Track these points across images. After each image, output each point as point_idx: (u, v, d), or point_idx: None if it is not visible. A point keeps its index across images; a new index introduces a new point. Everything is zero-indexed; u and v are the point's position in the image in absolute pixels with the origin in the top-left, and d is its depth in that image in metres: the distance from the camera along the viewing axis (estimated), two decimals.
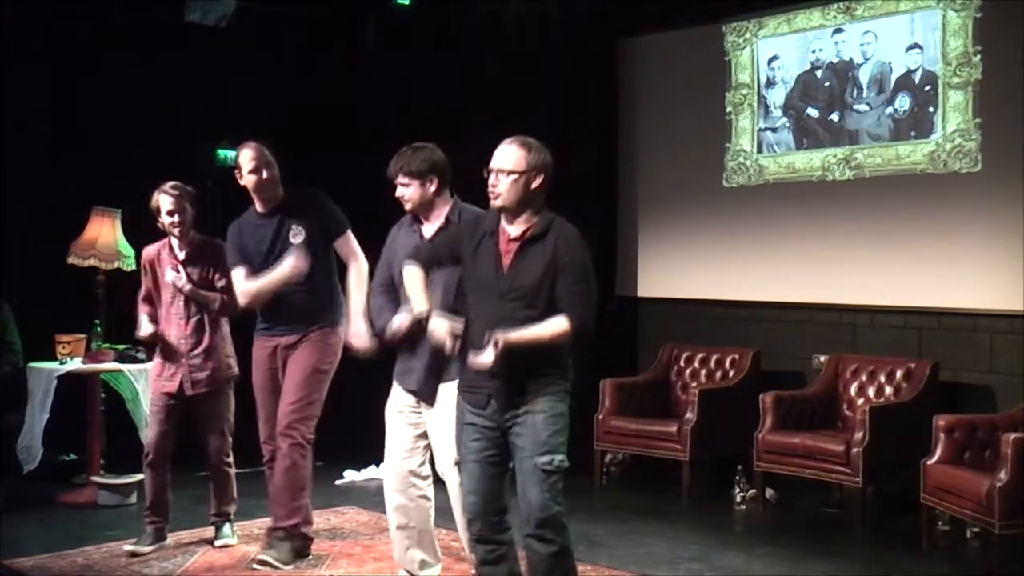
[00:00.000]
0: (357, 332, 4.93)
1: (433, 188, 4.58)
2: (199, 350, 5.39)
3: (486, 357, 3.71)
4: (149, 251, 5.52)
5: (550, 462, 3.82)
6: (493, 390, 3.88)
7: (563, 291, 3.81)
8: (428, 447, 4.70)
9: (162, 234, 5.48)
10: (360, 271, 5.04)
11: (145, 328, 5.40)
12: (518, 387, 3.85)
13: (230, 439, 5.54)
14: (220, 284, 5.39)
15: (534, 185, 3.87)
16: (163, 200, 5.35)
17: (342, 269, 5.20)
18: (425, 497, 4.77)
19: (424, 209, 4.61)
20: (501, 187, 3.85)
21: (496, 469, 3.95)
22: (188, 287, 5.34)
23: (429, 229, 4.62)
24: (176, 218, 5.35)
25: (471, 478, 3.98)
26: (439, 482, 4.72)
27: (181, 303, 5.38)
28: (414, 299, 4.06)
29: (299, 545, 5.14)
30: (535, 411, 3.84)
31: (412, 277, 4.09)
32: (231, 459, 5.56)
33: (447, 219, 4.58)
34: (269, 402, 5.17)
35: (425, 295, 4.03)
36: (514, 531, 4.05)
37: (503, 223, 3.92)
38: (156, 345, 5.47)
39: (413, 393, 4.63)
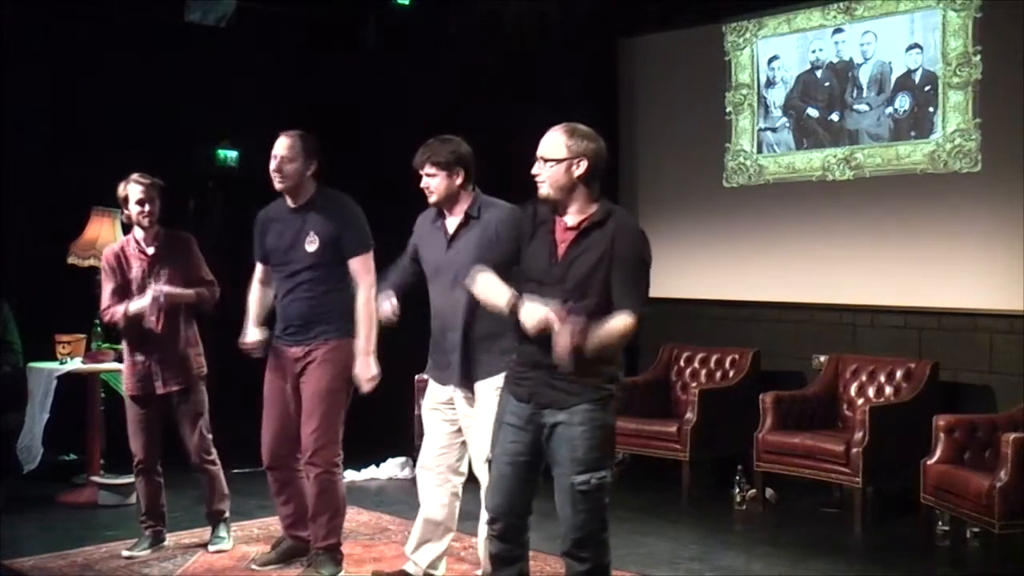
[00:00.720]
0: (362, 372, 4.86)
1: (459, 180, 4.59)
2: (170, 347, 5.32)
3: (562, 350, 3.53)
4: (110, 252, 5.39)
5: (587, 482, 3.69)
6: (535, 385, 3.76)
7: (618, 283, 3.71)
8: (465, 444, 4.67)
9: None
10: (367, 298, 4.85)
11: (135, 305, 5.24)
12: (562, 384, 3.70)
13: (209, 436, 5.47)
14: (199, 276, 5.35)
15: (577, 172, 3.76)
16: (132, 189, 5.26)
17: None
18: (456, 495, 4.77)
19: (449, 201, 4.60)
20: (543, 175, 3.78)
21: (528, 475, 3.84)
22: (164, 296, 5.22)
23: (452, 223, 4.62)
24: (146, 207, 5.26)
25: (501, 478, 3.86)
26: (470, 481, 4.69)
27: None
28: (497, 295, 3.79)
29: (339, 558, 5.08)
30: (573, 423, 3.71)
31: (486, 282, 3.84)
32: (213, 456, 5.49)
33: (467, 215, 4.59)
34: (273, 413, 5.07)
35: (505, 286, 3.80)
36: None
37: (560, 213, 3.83)
38: (134, 332, 5.33)
39: (452, 384, 4.59)
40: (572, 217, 3.81)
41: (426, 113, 7.82)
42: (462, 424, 4.64)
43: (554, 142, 3.79)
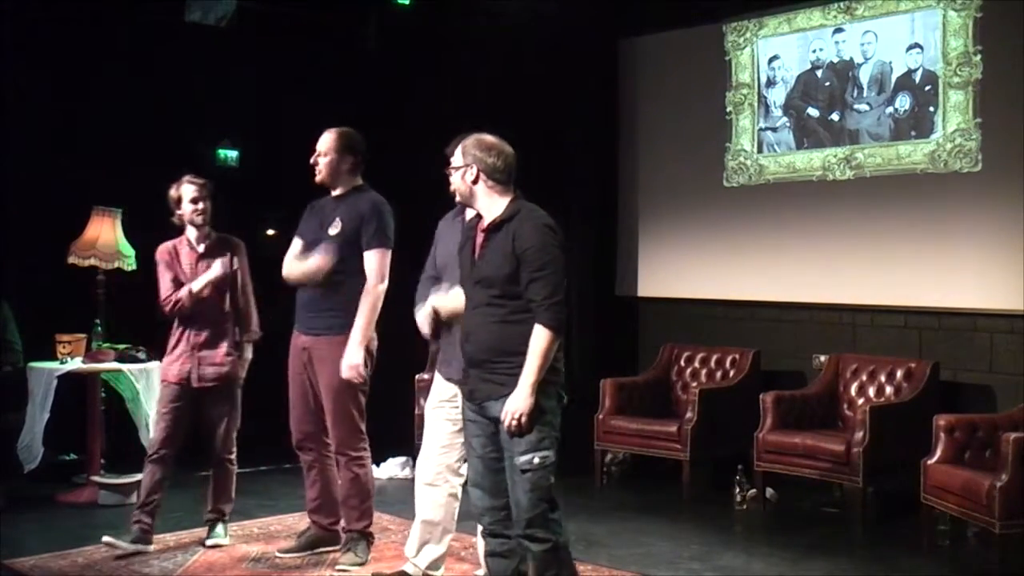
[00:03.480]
0: (349, 361, 4.96)
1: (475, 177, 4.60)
2: (214, 342, 5.42)
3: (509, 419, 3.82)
4: (163, 248, 5.51)
5: (530, 461, 3.83)
6: (473, 383, 3.97)
7: (525, 282, 3.84)
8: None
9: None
10: (371, 293, 4.97)
11: (199, 282, 5.36)
12: (492, 377, 3.90)
13: (234, 436, 5.56)
14: (244, 287, 5.47)
15: (469, 177, 3.98)
16: (186, 189, 5.40)
17: None
18: (455, 496, 4.78)
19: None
20: (453, 182, 4.08)
21: (498, 464, 3.97)
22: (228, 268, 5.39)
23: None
24: (200, 206, 5.40)
25: (475, 473, 4.05)
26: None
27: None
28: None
29: (371, 542, 5.25)
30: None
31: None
32: (234, 457, 5.58)
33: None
34: (293, 398, 5.24)
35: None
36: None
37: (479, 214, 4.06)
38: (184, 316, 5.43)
39: (455, 382, 4.59)
40: (487, 218, 4.01)
41: (426, 113, 7.83)
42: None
43: (457, 149, 4.07)
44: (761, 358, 7.40)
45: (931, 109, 6.90)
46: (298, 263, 5.10)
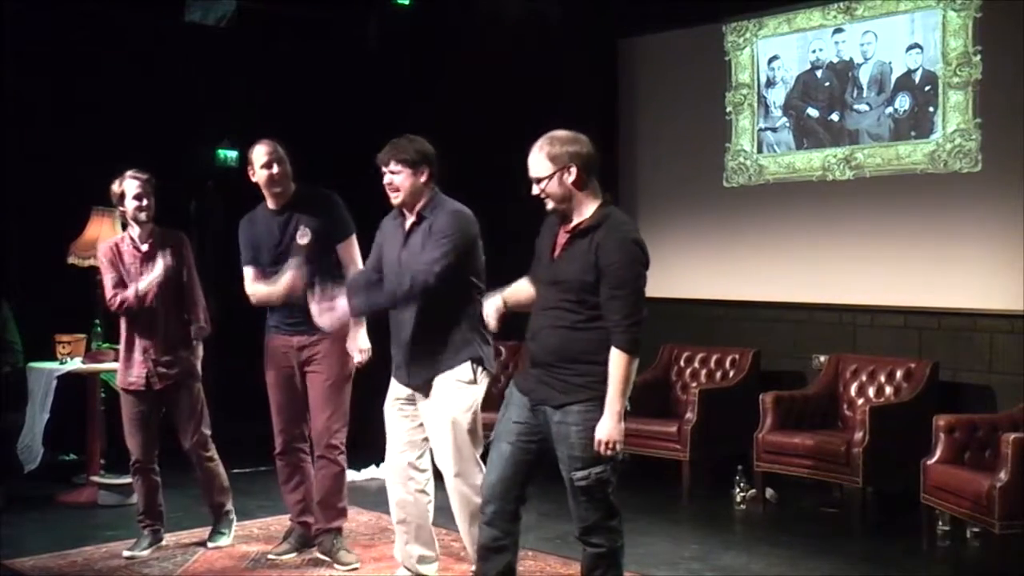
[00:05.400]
0: (354, 344, 5.06)
1: (423, 178, 4.59)
2: (168, 341, 5.35)
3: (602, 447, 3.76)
4: (105, 246, 5.42)
5: (585, 477, 3.79)
6: (532, 382, 3.92)
7: (605, 298, 3.75)
8: (427, 440, 4.70)
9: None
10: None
11: (144, 281, 5.25)
12: (553, 383, 3.84)
13: (207, 432, 5.49)
14: (191, 282, 5.39)
15: (570, 180, 3.83)
16: (129, 184, 5.29)
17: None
18: (423, 491, 4.78)
19: (413, 198, 4.59)
20: (543, 193, 3.87)
21: (527, 456, 3.94)
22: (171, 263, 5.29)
23: (409, 222, 4.63)
24: (143, 202, 5.29)
25: (500, 458, 3.96)
26: (439, 477, 4.72)
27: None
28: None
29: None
30: (568, 422, 3.81)
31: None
32: (211, 453, 5.51)
33: (419, 214, 4.59)
34: (284, 400, 5.23)
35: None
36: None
37: (569, 219, 3.92)
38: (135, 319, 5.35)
39: (407, 385, 4.66)
40: (574, 220, 3.88)
41: (426, 113, 7.83)
42: (423, 419, 4.66)
43: (537, 160, 3.88)
44: (761, 358, 7.40)
45: (931, 109, 6.90)
46: (266, 287, 5.04)
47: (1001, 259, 6.52)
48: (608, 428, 3.73)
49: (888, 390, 6.74)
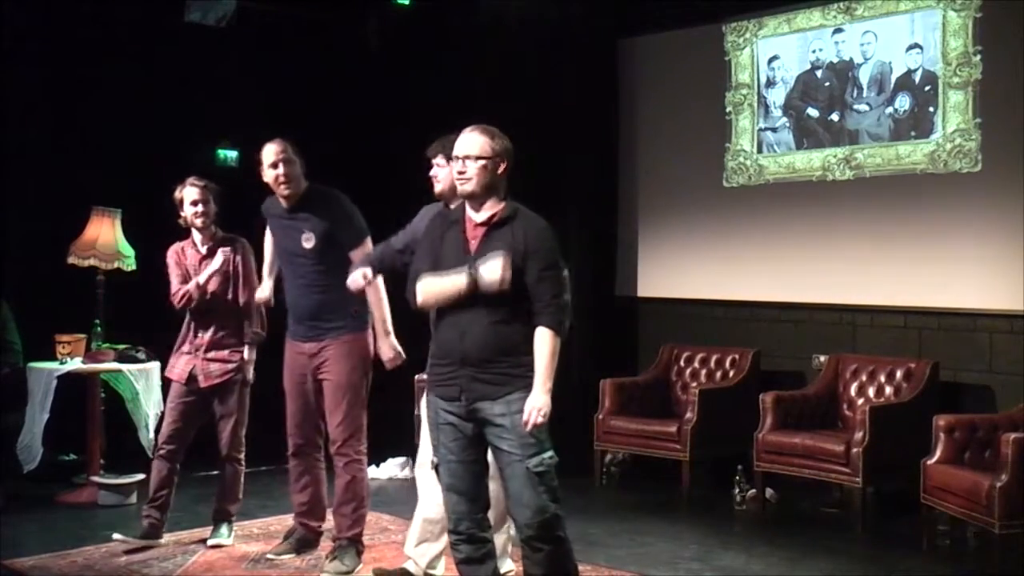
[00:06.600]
0: (384, 353, 5.05)
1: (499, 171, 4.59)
2: (218, 343, 5.45)
3: (534, 415, 3.76)
4: (172, 249, 5.56)
5: (540, 463, 3.81)
6: (464, 383, 3.87)
7: (532, 279, 3.82)
8: None
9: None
10: (376, 287, 4.97)
11: (204, 274, 5.40)
12: (491, 379, 3.84)
13: (242, 436, 5.57)
14: (240, 284, 5.46)
15: (500, 171, 3.92)
16: (188, 191, 5.42)
17: None
18: None
19: (453, 193, 4.59)
20: (469, 172, 3.89)
21: (478, 467, 3.95)
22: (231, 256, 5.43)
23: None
24: (200, 208, 5.41)
25: (454, 479, 3.95)
26: None
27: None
28: (450, 284, 3.93)
29: (360, 550, 5.20)
30: (512, 412, 3.81)
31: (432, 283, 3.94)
32: (242, 457, 5.60)
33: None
34: (296, 405, 5.24)
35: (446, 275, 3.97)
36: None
37: (468, 211, 3.95)
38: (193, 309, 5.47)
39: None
40: (481, 215, 3.93)
41: (426, 113, 7.82)
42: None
43: (478, 142, 3.93)
44: (761, 358, 7.41)
45: (931, 109, 6.90)
46: (261, 290, 5.20)
47: (1001, 259, 6.52)
48: (541, 399, 3.76)
49: (888, 390, 6.74)
